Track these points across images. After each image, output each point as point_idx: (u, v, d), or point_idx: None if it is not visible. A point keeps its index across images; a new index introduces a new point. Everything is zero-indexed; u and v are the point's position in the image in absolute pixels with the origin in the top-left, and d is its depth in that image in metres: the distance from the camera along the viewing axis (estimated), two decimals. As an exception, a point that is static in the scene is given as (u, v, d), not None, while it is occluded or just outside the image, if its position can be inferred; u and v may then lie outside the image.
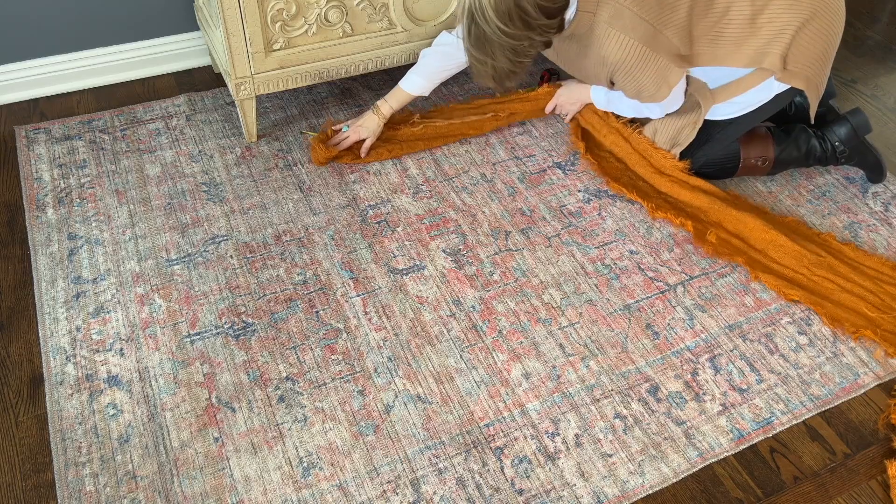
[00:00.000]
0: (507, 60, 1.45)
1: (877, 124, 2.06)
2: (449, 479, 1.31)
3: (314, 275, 1.61)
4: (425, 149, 1.89)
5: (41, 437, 1.34)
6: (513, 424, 1.39)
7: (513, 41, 1.40)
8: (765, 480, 1.35)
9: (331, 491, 1.28)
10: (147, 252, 1.63)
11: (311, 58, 1.78)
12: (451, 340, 1.51)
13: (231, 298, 1.56)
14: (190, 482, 1.28)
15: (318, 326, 1.52)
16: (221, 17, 1.62)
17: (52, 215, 1.69)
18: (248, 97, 1.79)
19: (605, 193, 1.84)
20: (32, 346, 1.47)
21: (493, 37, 1.39)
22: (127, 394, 1.39)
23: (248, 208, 1.74)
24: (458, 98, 2.05)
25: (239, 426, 1.36)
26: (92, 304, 1.53)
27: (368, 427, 1.37)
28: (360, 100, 2.05)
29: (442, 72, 1.78)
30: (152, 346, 1.47)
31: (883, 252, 1.73)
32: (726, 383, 1.47)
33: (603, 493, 1.30)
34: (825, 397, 1.46)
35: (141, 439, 1.33)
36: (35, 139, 1.87)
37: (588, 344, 1.52)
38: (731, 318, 1.59)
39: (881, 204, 1.85)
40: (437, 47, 1.76)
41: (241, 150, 1.88)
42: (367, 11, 1.75)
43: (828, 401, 1.46)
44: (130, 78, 2.08)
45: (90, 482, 1.27)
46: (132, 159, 1.84)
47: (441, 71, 1.78)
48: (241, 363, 1.45)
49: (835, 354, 1.53)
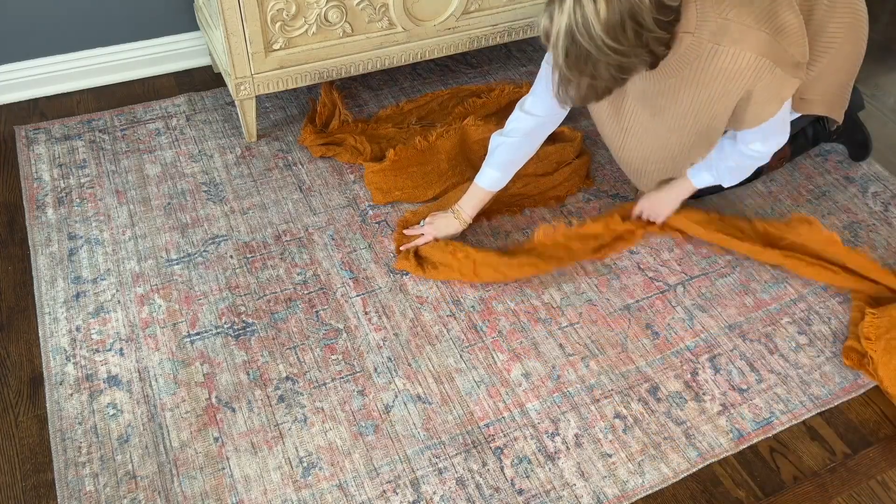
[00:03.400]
0: (611, 77, 1.28)
1: (877, 124, 2.06)
2: (449, 479, 1.31)
3: (314, 275, 1.61)
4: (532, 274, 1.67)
5: (41, 437, 1.34)
6: (513, 424, 1.39)
7: (621, 58, 1.23)
8: (765, 480, 1.35)
9: (331, 491, 1.28)
10: (147, 252, 1.63)
11: (310, 58, 1.78)
12: (451, 340, 1.51)
13: (231, 298, 1.56)
14: (190, 482, 1.28)
15: (318, 326, 1.52)
16: (221, 17, 1.62)
17: (52, 215, 1.69)
18: (248, 97, 1.79)
19: (605, 194, 1.84)
20: (32, 346, 1.47)
21: (598, 54, 1.22)
22: (127, 394, 1.39)
23: (248, 208, 1.74)
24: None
25: (239, 426, 1.36)
26: (92, 304, 1.53)
27: (368, 427, 1.37)
28: (360, 100, 2.05)
29: (515, 163, 1.63)
30: (152, 346, 1.47)
31: (883, 252, 1.73)
32: (726, 383, 1.47)
33: (603, 493, 1.30)
34: (825, 397, 1.46)
35: (141, 439, 1.33)
36: (35, 139, 1.87)
37: (588, 344, 1.52)
38: (731, 318, 1.59)
39: (881, 204, 1.85)
40: (506, 138, 1.59)
41: (241, 150, 1.88)
42: (367, 11, 1.75)
43: (828, 401, 1.46)
44: (130, 78, 2.08)
45: (90, 482, 1.27)
46: (132, 159, 1.84)
47: (513, 163, 1.63)
48: (241, 363, 1.45)
49: (835, 354, 1.53)
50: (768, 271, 1.68)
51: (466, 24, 1.89)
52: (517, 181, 1.72)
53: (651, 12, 1.20)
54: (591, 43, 1.20)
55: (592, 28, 1.18)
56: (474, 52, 2.22)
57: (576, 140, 1.86)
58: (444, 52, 1.93)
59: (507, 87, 2.03)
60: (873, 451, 1.40)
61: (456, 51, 1.94)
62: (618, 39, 1.20)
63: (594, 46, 1.20)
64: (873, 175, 1.92)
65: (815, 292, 1.64)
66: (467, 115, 1.94)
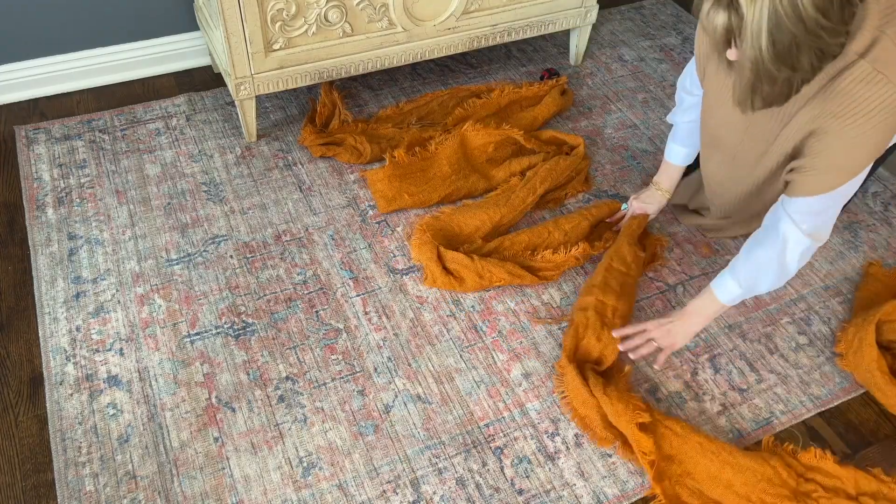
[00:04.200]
0: (811, 66, 1.11)
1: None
2: (449, 478, 1.31)
3: (314, 275, 1.61)
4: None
5: (41, 437, 1.34)
6: (513, 424, 1.39)
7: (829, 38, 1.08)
8: (765, 480, 1.35)
9: (331, 491, 1.28)
10: (147, 252, 1.63)
11: (310, 58, 1.78)
12: (451, 340, 1.51)
13: (231, 298, 1.56)
14: (190, 482, 1.28)
15: (318, 326, 1.52)
16: (221, 17, 1.62)
17: (52, 215, 1.69)
18: (247, 97, 1.79)
19: (606, 194, 1.84)
20: (32, 346, 1.47)
21: (807, 37, 1.06)
22: (127, 394, 1.39)
23: (247, 208, 1.74)
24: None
25: (239, 426, 1.36)
26: (92, 304, 1.53)
27: (368, 427, 1.37)
28: (360, 100, 2.05)
29: (694, 137, 1.60)
30: (152, 346, 1.47)
31: (883, 252, 1.73)
32: (726, 383, 1.47)
33: (603, 493, 1.30)
34: (825, 397, 1.46)
35: (141, 439, 1.33)
36: (35, 139, 1.87)
37: (588, 344, 1.52)
38: (731, 318, 1.59)
39: (881, 204, 1.85)
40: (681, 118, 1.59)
41: (241, 150, 1.88)
42: (367, 11, 1.75)
43: (828, 401, 1.46)
44: (130, 78, 2.08)
45: (90, 482, 1.27)
46: (132, 159, 1.84)
47: (693, 136, 1.60)
48: (241, 363, 1.45)
49: (835, 354, 1.53)
50: (768, 271, 1.68)
51: (466, 24, 1.89)
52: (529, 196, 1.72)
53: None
54: (801, 25, 1.05)
55: (801, 6, 1.04)
56: (474, 52, 2.22)
57: (580, 146, 1.87)
58: (444, 52, 1.93)
59: (507, 87, 2.03)
60: (873, 451, 1.40)
61: (456, 51, 1.94)
62: (827, 14, 1.05)
63: (803, 28, 1.05)
64: (873, 175, 1.92)
65: (815, 292, 1.65)
66: (467, 115, 1.94)
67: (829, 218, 1.31)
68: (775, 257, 1.33)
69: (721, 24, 1.09)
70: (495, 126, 1.88)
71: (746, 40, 1.08)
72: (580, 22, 2.08)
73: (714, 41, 1.13)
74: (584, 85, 2.16)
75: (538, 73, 2.17)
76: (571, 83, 2.16)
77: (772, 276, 1.36)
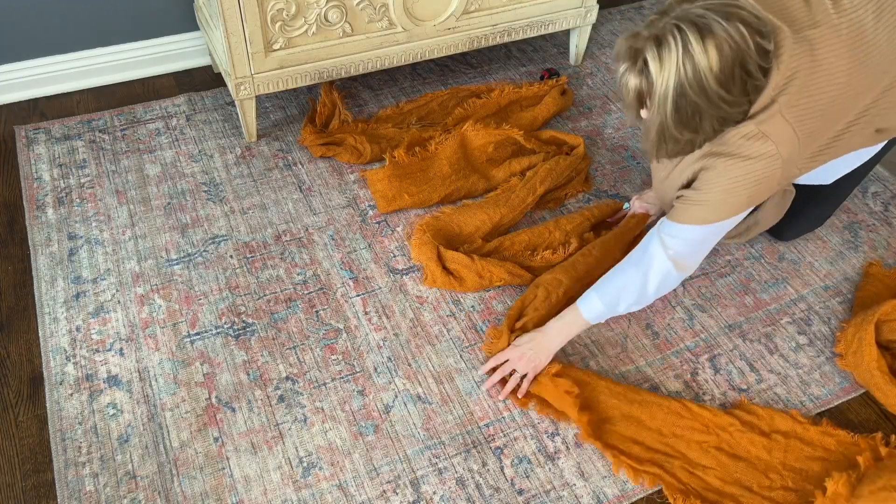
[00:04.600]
0: (712, 130, 1.23)
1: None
2: (449, 478, 1.31)
3: (314, 275, 1.61)
4: None
5: (41, 437, 1.34)
6: (513, 424, 1.39)
7: (729, 109, 1.19)
8: (765, 480, 1.35)
9: (331, 491, 1.28)
10: (147, 252, 1.63)
11: (310, 58, 1.78)
12: (451, 340, 1.51)
13: (231, 298, 1.56)
14: (190, 482, 1.28)
15: (318, 326, 1.52)
16: (221, 17, 1.62)
17: (52, 215, 1.69)
18: (247, 97, 1.79)
19: (606, 194, 1.84)
20: (32, 346, 1.47)
21: (709, 107, 1.17)
22: (127, 394, 1.39)
23: (247, 208, 1.74)
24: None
25: (239, 426, 1.36)
26: (92, 304, 1.53)
27: (368, 427, 1.37)
28: (360, 100, 2.05)
29: None
30: (152, 346, 1.47)
31: (883, 252, 1.73)
32: (726, 383, 1.47)
33: (603, 493, 1.30)
34: (825, 397, 1.46)
35: (141, 439, 1.33)
36: (35, 139, 1.87)
37: (588, 344, 1.52)
38: (731, 318, 1.59)
39: (881, 204, 1.85)
40: None
41: (241, 150, 1.88)
42: (367, 11, 1.75)
43: (828, 401, 1.46)
44: (130, 78, 2.08)
45: (90, 482, 1.27)
46: (132, 159, 1.84)
47: None
48: (241, 363, 1.45)
49: (835, 354, 1.53)
50: (768, 271, 1.68)
51: (466, 24, 1.89)
52: (528, 196, 1.72)
53: (755, 59, 1.16)
54: (703, 96, 1.15)
55: (705, 80, 1.13)
56: (474, 52, 2.22)
57: (580, 146, 1.87)
58: (444, 52, 1.93)
59: (506, 87, 2.03)
60: (873, 451, 1.39)
61: (456, 51, 1.94)
62: (729, 90, 1.16)
63: (706, 99, 1.16)
64: (873, 175, 1.92)
65: (815, 292, 1.65)
66: (467, 115, 1.94)
67: (696, 252, 1.38)
68: (638, 279, 1.38)
69: (633, 87, 1.19)
70: (495, 126, 1.88)
71: (654, 105, 1.18)
72: (580, 22, 2.08)
73: (627, 102, 1.23)
74: (584, 85, 2.16)
75: (538, 73, 2.17)
76: (571, 83, 2.16)
77: (632, 297, 1.39)
